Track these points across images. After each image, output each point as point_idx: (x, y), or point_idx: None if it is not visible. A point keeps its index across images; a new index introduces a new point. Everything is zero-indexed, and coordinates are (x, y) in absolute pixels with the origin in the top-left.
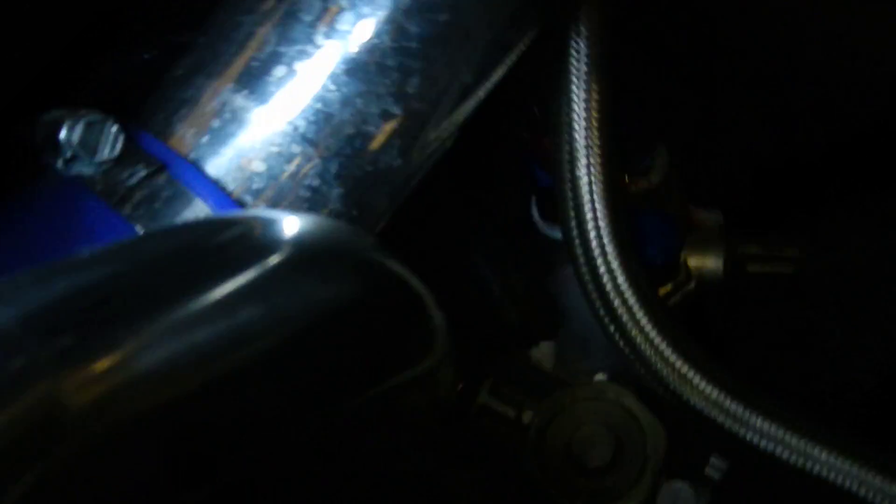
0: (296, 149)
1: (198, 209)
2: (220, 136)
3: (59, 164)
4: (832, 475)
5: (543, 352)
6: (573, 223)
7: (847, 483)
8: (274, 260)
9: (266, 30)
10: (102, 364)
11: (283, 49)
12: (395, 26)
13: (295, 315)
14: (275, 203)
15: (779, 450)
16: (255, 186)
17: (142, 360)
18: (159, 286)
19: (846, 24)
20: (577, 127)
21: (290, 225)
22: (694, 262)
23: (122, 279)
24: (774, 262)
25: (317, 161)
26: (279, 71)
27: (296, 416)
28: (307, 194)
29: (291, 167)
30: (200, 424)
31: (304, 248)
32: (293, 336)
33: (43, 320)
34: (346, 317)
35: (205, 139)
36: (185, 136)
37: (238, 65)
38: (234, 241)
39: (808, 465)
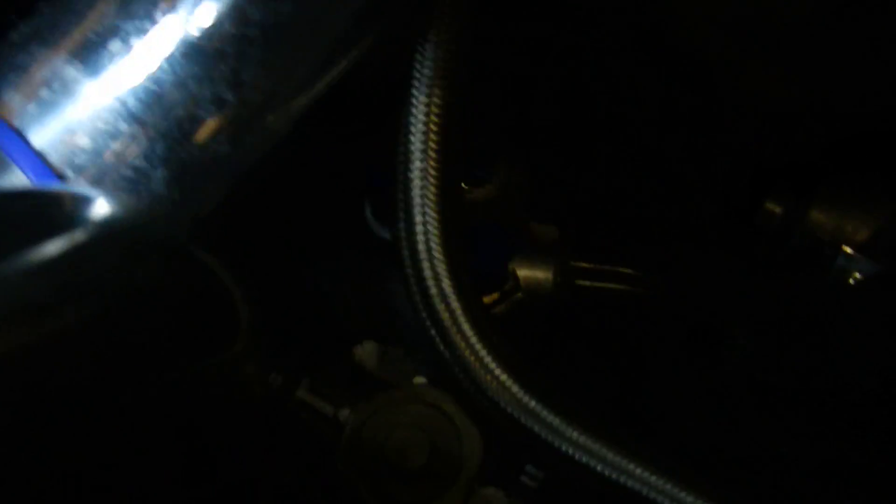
0: (123, 127)
1: (15, 179)
2: (47, 107)
3: None
4: (645, 490)
5: (367, 351)
6: (402, 225)
7: (660, 499)
8: (75, 238)
9: (106, 2)
10: None
11: (120, 23)
12: (236, 12)
13: (89, 294)
14: (97, 180)
15: (592, 462)
16: (77, 161)
17: None
18: None
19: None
20: (414, 130)
21: (100, 206)
22: (523, 272)
23: None
24: (607, 278)
25: (143, 141)
26: (114, 46)
27: (85, 392)
28: (130, 174)
29: (117, 145)
30: None
31: (107, 230)
32: (86, 315)
33: None
34: (143, 300)
35: (31, 108)
36: (10, 103)
37: (74, 36)
38: (37, 215)
39: (622, 479)
